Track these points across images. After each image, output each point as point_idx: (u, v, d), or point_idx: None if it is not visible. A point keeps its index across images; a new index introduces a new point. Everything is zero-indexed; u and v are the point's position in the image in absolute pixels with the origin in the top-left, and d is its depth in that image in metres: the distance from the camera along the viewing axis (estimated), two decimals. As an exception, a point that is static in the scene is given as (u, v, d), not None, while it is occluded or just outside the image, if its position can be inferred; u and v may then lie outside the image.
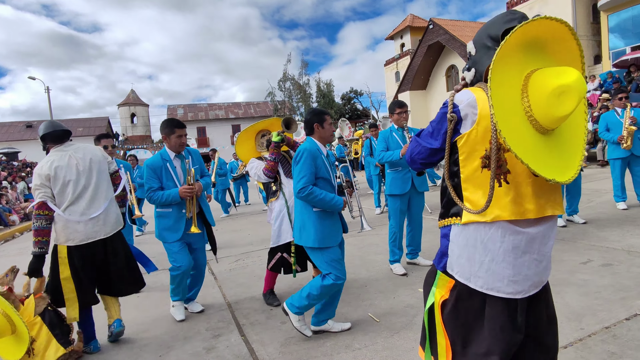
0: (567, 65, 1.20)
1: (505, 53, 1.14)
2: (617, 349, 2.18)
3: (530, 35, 1.17)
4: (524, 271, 1.28)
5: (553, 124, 1.16)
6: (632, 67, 14.31)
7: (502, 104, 1.15)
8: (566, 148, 1.22)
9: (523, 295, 1.30)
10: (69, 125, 36.70)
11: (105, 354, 2.76)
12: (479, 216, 1.27)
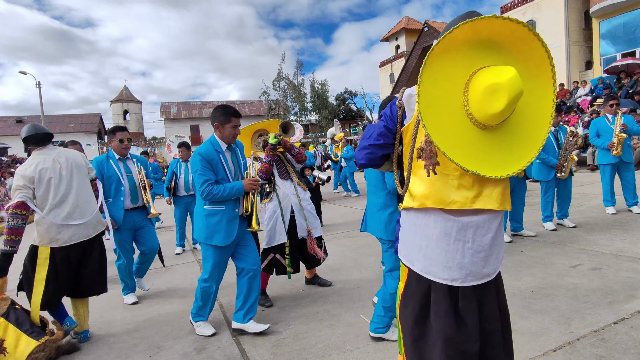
0: (535, 65, 1.20)
1: (446, 48, 1.16)
2: (605, 353, 2.21)
3: (485, 34, 1.17)
4: (458, 258, 1.31)
5: (489, 120, 1.17)
6: (622, 74, 14.52)
7: (433, 97, 1.18)
8: (516, 145, 1.23)
9: (460, 283, 1.32)
10: (60, 121, 36.25)
11: (94, 354, 2.73)
12: (411, 202, 1.37)
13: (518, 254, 4.22)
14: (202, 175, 2.71)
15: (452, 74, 1.19)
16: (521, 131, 1.23)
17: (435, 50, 1.16)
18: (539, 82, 1.21)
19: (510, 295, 3.13)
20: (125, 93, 42.91)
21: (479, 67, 1.19)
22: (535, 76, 1.21)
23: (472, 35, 1.16)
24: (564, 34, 20.07)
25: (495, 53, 1.19)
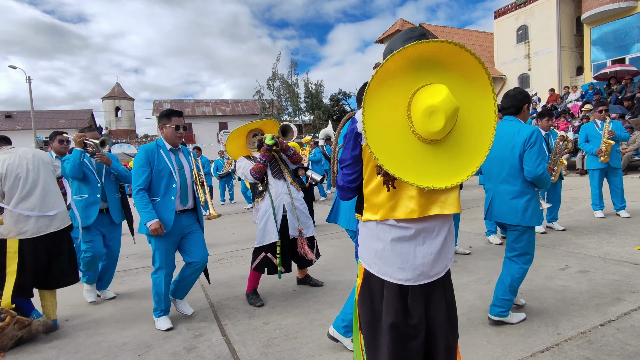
0: (471, 72, 1.29)
1: (381, 79, 1.25)
2: (592, 354, 2.24)
3: (416, 56, 1.24)
4: (411, 260, 1.42)
5: (434, 136, 1.26)
6: (612, 80, 14.75)
7: (379, 126, 1.28)
8: (464, 153, 1.32)
9: (413, 282, 1.44)
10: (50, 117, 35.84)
11: (81, 353, 2.70)
12: (373, 215, 1.47)
13: (508, 256, 4.27)
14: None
15: (393, 101, 1.28)
16: (467, 138, 1.32)
17: (371, 86, 1.25)
18: (477, 87, 1.30)
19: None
20: (118, 90, 42.49)
21: (416, 88, 1.27)
22: (473, 81, 1.30)
23: (403, 61, 1.24)
24: (556, 40, 20.34)
25: (431, 70, 1.28)
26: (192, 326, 3.02)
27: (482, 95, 1.30)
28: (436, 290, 1.48)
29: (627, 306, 2.82)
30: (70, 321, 3.26)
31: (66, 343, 2.86)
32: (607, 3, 18.04)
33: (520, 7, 21.88)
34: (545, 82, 19.97)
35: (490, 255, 4.35)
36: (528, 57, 21.83)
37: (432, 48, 1.23)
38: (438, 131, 1.23)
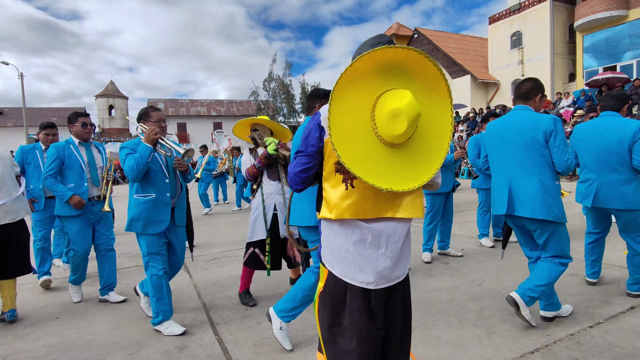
0: (432, 81, 1.33)
1: (350, 78, 1.28)
2: (580, 355, 2.28)
3: (384, 60, 1.28)
4: (373, 263, 1.43)
5: (395, 140, 1.30)
6: (603, 87, 14.96)
7: (344, 125, 1.31)
8: (423, 157, 1.37)
9: (374, 286, 1.44)
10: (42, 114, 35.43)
11: (72, 351, 2.68)
12: (328, 214, 1.46)
13: (499, 259, 4.31)
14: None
15: (359, 102, 1.31)
16: (426, 144, 1.36)
17: (339, 83, 1.28)
18: (437, 97, 1.34)
19: (492, 299, 3.20)
20: (111, 88, 42.14)
21: (382, 91, 1.30)
22: (434, 91, 1.34)
23: (371, 64, 1.28)
24: (549, 46, 20.59)
25: (397, 75, 1.31)
26: (184, 325, 2.99)
27: (441, 106, 1.35)
28: (396, 292, 1.52)
29: (615, 309, 2.87)
30: (61, 319, 3.23)
31: (56, 342, 2.83)
32: (600, 11, 18.33)
33: (515, 14, 22.13)
34: (538, 88, 20.19)
35: (483, 258, 4.39)
36: (522, 62, 22.07)
37: (399, 54, 1.27)
38: (400, 134, 1.27)
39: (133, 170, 2.77)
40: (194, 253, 5.37)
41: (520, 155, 2.64)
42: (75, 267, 3.55)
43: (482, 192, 4.98)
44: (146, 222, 2.86)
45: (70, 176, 3.47)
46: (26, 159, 4.26)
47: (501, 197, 2.74)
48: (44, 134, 4.38)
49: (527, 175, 2.61)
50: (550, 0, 20.29)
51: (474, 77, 23.24)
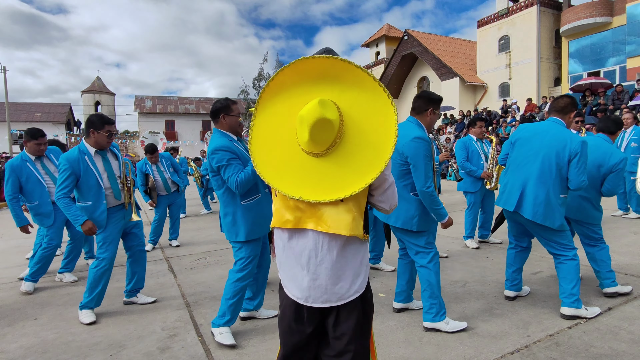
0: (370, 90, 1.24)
1: (274, 91, 1.31)
2: (559, 356, 2.32)
3: (311, 71, 1.26)
4: (298, 281, 1.37)
5: (309, 148, 1.26)
6: (587, 92, 15.27)
7: (265, 130, 1.35)
8: (355, 168, 1.25)
9: (304, 302, 1.36)
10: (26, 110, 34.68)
11: (50, 353, 2.62)
12: None
13: (483, 260, 4.36)
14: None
15: (284, 113, 1.32)
16: (360, 155, 1.25)
17: (263, 97, 1.31)
18: (379, 105, 1.23)
19: (474, 300, 3.24)
20: (98, 84, 41.46)
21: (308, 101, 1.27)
22: (371, 100, 1.24)
23: (295, 75, 1.27)
24: (536, 51, 20.94)
25: (329, 85, 1.27)
26: (167, 326, 2.97)
27: (383, 114, 1.23)
28: (337, 318, 1.37)
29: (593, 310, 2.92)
30: (40, 320, 3.17)
31: (34, 342, 2.77)
32: (585, 17, 18.72)
33: (503, 18, 22.44)
34: (525, 92, 20.53)
35: (467, 259, 4.44)
36: (509, 66, 22.39)
37: (324, 64, 1.24)
38: (306, 141, 1.23)
39: (247, 185, 2.54)
40: (179, 252, 5.32)
41: (542, 164, 2.83)
42: (96, 281, 3.10)
43: (470, 195, 5.03)
44: (258, 224, 2.68)
45: (87, 193, 3.09)
46: (21, 176, 3.90)
47: (513, 194, 2.94)
48: (35, 144, 3.96)
49: (541, 184, 2.82)
50: (537, 6, 20.63)
51: (463, 80, 23.50)
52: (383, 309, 3.11)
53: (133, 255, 3.41)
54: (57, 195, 3.02)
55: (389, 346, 2.52)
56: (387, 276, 3.88)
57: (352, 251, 1.36)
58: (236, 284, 2.67)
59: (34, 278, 3.86)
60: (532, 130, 3.00)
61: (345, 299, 1.35)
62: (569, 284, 2.81)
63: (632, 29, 17.37)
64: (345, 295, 1.35)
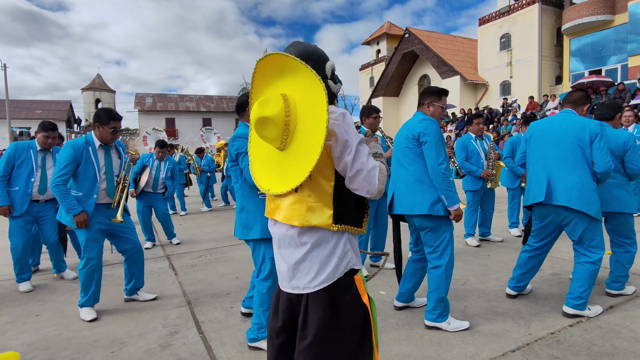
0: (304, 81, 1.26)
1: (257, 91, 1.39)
2: (560, 354, 2.32)
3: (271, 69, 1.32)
4: (279, 264, 1.44)
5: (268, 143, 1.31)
6: (588, 90, 15.23)
7: None
8: (298, 161, 1.26)
9: (283, 287, 1.41)
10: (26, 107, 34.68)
11: (52, 349, 2.62)
12: None
13: (485, 258, 4.36)
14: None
15: None
16: (303, 147, 1.25)
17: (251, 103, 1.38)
18: (313, 95, 1.23)
19: (476, 298, 3.23)
20: (98, 81, 41.43)
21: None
22: (308, 89, 1.25)
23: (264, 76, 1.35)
24: (537, 49, 20.90)
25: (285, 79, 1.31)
26: (168, 323, 2.97)
27: (318, 105, 1.22)
28: (307, 308, 1.32)
29: (595, 308, 2.92)
30: (41, 316, 3.17)
31: (35, 339, 2.77)
32: (586, 15, 18.67)
33: (504, 16, 22.39)
34: (526, 90, 20.50)
35: (467, 257, 4.44)
36: (510, 64, 22.35)
37: (274, 60, 1.29)
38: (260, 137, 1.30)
39: None
40: (180, 250, 5.32)
41: (563, 152, 2.80)
42: (88, 281, 3.10)
43: (470, 193, 5.03)
44: None
45: (82, 183, 3.08)
46: (18, 156, 3.83)
47: (539, 187, 2.88)
48: (44, 136, 3.92)
49: (568, 170, 2.77)
50: (539, 4, 20.58)
51: (464, 78, 23.46)
52: (384, 306, 3.10)
53: (129, 257, 3.36)
54: (54, 182, 2.96)
55: (389, 344, 2.52)
56: (387, 274, 3.88)
57: (317, 241, 1.31)
58: (264, 293, 2.53)
59: (20, 276, 3.87)
60: (545, 124, 2.99)
61: (311, 289, 1.31)
62: (581, 287, 2.75)
63: (634, 27, 17.33)
64: (310, 285, 1.32)
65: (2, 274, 4.44)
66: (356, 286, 1.36)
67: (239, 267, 4.37)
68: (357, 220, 1.36)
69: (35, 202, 3.89)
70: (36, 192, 3.87)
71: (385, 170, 1.36)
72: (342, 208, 1.32)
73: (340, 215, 1.31)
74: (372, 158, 1.32)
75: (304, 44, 1.42)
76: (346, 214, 1.33)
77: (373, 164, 1.30)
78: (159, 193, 5.68)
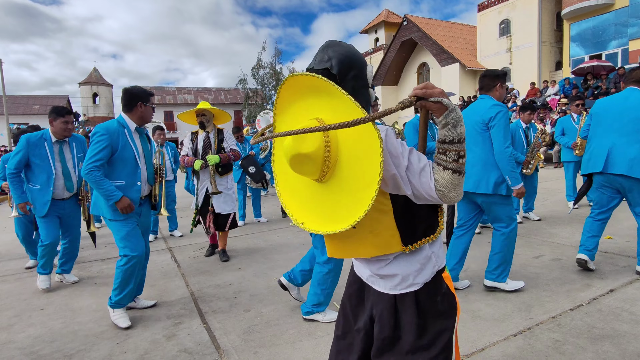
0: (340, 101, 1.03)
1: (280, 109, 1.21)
2: (561, 337, 2.34)
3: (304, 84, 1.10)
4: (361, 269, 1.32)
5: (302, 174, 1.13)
6: (588, 75, 15.14)
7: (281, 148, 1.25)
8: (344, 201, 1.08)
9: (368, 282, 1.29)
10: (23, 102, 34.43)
11: (58, 341, 2.65)
12: None
13: (486, 245, 4.38)
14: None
15: None
16: (351, 182, 1.06)
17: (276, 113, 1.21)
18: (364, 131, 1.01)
19: (477, 284, 3.25)
20: (95, 75, 41.13)
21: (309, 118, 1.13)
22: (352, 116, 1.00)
23: (294, 92, 1.14)
24: (537, 34, 20.69)
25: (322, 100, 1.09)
26: (172, 314, 3.00)
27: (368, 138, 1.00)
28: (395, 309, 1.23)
29: (595, 292, 2.95)
30: (46, 310, 3.20)
31: (41, 332, 2.80)
32: (587, -1, 18.44)
33: (504, 1, 22.12)
34: (526, 76, 20.36)
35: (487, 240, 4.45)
36: (510, 51, 22.16)
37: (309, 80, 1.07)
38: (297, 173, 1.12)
39: None
40: (182, 242, 5.34)
41: (626, 127, 3.09)
42: (127, 279, 2.81)
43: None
44: None
45: (121, 170, 2.79)
46: (32, 152, 3.43)
47: (599, 158, 3.21)
48: (63, 122, 3.47)
49: (630, 142, 3.06)
50: (539, -12, 20.32)
51: (463, 65, 23.28)
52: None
53: None
54: (87, 168, 2.66)
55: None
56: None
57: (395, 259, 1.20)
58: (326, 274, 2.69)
59: (44, 270, 3.62)
60: (610, 101, 3.25)
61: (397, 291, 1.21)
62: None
63: (634, 11, 17.13)
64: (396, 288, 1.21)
65: (7, 268, 4.47)
66: (446, 284, 1.25)
67: (241, 259, 4.40)
68: (432, 228, 1.21)
69: (59, 201, 3.55)
70: (60, 190, 3.54)
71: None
72: (411, 228, 1.17)
73: (410, 236, 1.17)
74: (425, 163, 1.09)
75: (343, 47, 1.23)
76: (418, 231, 1.18)
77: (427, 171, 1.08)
78: (168, 180, 5.70)
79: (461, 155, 1.05)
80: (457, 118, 1.04)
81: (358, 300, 1.33)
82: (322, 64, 1.21)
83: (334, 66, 1.19)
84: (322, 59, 1.22)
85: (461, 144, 1.05)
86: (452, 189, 1.05)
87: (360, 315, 1.31)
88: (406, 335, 1.19)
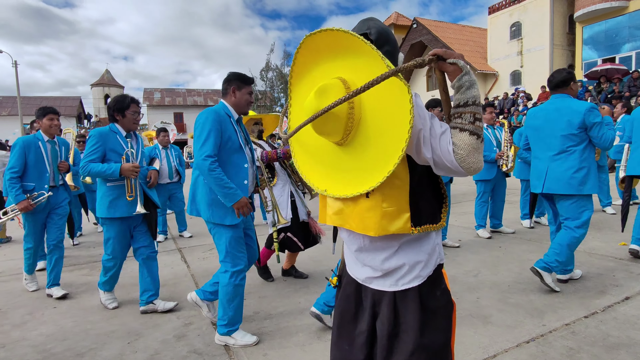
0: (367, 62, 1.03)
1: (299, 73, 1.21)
2: (575, 345, 2.30)
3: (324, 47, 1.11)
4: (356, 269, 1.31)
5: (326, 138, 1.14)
6: (602, 78, 14.93)
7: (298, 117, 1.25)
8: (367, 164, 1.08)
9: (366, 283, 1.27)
10: (37, 103, 35.11)
11: (70, 340, 2.68)
12: None
13: (496, 250, 4.33)
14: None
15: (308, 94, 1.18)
16: (374, 144, 1.06)
17: (292, 82, 1.24)
18: (392, 86, 0.99)
19: (488, 289, 3.22)
20: (107, 77, 41.70)
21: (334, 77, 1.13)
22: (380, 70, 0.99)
23: (312, 54, 1.15)
24: (549, 37, 20.47)
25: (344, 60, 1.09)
26: (182, 314, 3.01)
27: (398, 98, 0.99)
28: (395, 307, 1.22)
29: (610, 299, 2.89)
30: (58, 308, 3.23)
31: (53, 330, 2.84)
32: (599, 2, 18.19)
33: (515, 4, 21.93)
34: (537, 80, 20.13)
35: (478, 249, 4.41)
36: (521, 54, 21.95)
37: (326, 37, 1.07)
38: (318, 133, 1.12)
39: None
40: (192, 243, 5.37)
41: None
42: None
43: (481, 183, 4.98)
44: None
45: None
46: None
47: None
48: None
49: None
50: (551, -9, 20.12)
51: (473, 68, 23.11)
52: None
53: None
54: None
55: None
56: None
57: (401, 244, 1.18)
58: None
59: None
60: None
61: (398, 287, 1.20)
62: None
63: (649, 14, 16.87)
64: (397, 284, 1.20)
65: (19, 266, 4.54)
66: (445, 281, 1.25)
67: (250, 260, 4.40)
68: (437, 217, 1.21)
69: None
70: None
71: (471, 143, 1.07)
72: (421, 209, 1.16)
73: (419, 217, 1.16)
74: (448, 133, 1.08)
75: (381, 23, 1.22)
76: (426, 214, 1.18)
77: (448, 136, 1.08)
78: (174, 182, 5.73)
79: (477, 117, 1.05)
80: (471, 81, 1.05)
81: (356, 302, 1.32)
82: (362, 31, 1.21)
83: (373, 34, 1.18)
84: (361, 28, 1.21)
85: (477, 106, 1.05)
86: (470, 153, 1.03)
87: (360, 318, 1.30)
88: (409, 333, 1.18)
